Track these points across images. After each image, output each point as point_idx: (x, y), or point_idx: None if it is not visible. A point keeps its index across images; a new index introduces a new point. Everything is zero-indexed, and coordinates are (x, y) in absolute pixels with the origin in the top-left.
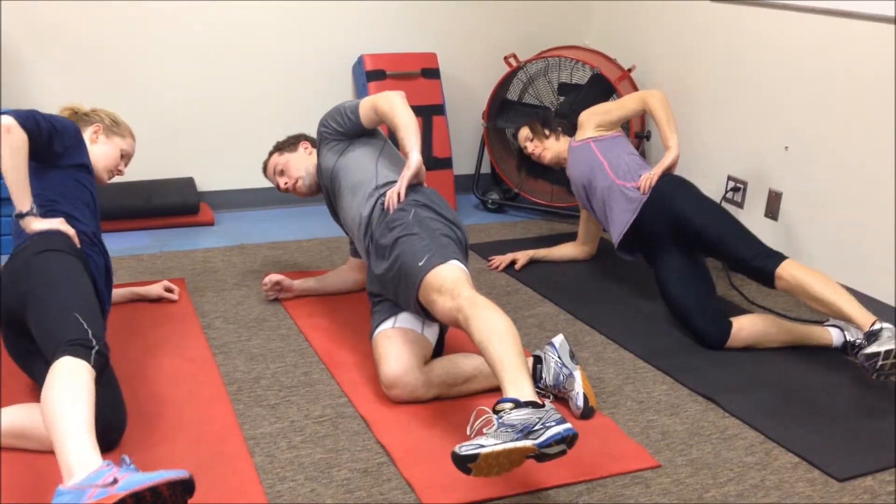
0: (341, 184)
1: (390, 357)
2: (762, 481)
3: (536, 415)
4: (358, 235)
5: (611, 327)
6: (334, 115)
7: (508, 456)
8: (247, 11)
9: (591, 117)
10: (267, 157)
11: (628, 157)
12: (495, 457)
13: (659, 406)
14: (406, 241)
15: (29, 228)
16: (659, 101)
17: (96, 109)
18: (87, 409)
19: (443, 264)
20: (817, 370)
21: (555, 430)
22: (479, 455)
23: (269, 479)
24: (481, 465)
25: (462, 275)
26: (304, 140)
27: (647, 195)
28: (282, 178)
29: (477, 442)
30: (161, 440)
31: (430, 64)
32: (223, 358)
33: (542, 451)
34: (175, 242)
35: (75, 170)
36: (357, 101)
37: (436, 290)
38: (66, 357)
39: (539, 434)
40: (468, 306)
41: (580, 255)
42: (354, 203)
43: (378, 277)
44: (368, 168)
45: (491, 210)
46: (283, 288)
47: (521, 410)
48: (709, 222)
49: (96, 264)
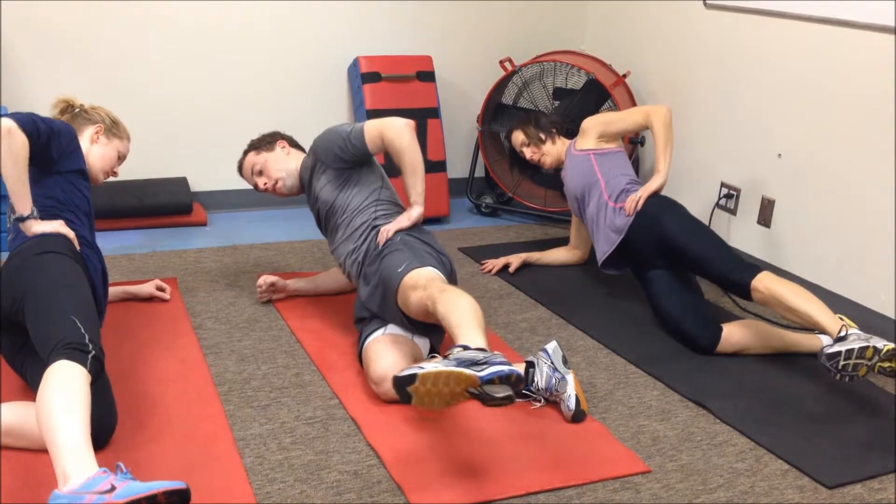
0: (338, 222)
1: (380, 356)
2: (752, 487)
3: (483, 354)
4: (352, 273)
5: (603, 332)
6: (336, 142)
7: (447, 382)
8: (242, 12)
9: (595, 126)
10: (242, 157)
11: (624, 178)
12: (433, 379)
13: (650, 411)
14: (388, 256)
15: (30, 231)
16: (662, 121)
17: (95, 107)
18: (83, 415)
19: (420, 268)
20: (807, 377)
21: (498, 367)
22: (418, 375)
23: (259, 481)
24: (420, 388)
25: (437, 275)
26: (281, 139)
27: (633, 217)
28: (261, 179)
29: (418, 365)
30: (151, 440)
31: (425, 67)
32: (214, 358)
33: (484, 386)
34: (168, 242)
35: (72, 175)
36: (359, 125)
37: (411, 287)
38: (63, 361)
39: (482, 368)
40: (437, 292)
41: (573, 260)
42: (351, 241)
43: (363, 303)
44: (368, 211)
45: (484, 214)
46: (276, 289)
47: (469, 351)
48: (692, 242)
49: (94, 268)
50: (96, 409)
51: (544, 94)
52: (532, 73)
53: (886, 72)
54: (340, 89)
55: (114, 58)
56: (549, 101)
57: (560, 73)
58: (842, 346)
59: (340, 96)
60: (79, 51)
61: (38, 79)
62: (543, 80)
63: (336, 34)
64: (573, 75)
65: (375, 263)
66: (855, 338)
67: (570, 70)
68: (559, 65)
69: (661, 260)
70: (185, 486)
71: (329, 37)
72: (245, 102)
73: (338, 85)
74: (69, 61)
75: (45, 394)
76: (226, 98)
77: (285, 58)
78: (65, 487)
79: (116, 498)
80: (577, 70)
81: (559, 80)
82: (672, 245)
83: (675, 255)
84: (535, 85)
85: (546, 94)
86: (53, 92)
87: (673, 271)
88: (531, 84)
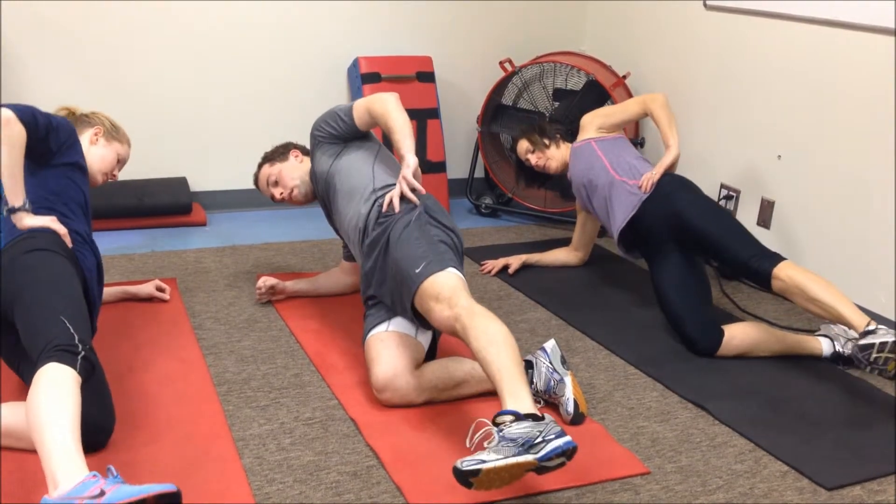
0: (336, 188)
1: (382, 360)
2: (751, 489)
3: (537, 428)
4: (354, 239)
5: (603, 333)
6: (327, 119)
7: (510, 471)
8: (243, 12)
9: (594, 119)
10: (257, 170)
11: (630, 157)
12: (497, 472)
13: (649, 413)
14: (403, 245)
15: (20, 224)
16: (660, 104)
17: (96, 112)
18: (73, 418)
19: (440, 272)
20: (807, 379)
21: (555, 444)
22: (482, 471)
23: (258, 481)
24: (483, 479)
25: (459, 282)
26: (294, 148)
27: (649, 193)
28: (276, 189)
29: (479, 457)
30: (149, 440)
31: (425, 67)
32: (213, 358)
33: (542, 464)
34: (167, 242)
35: (69, 169)
36: (350, 103)
37: (433, 297)
38: (52, 363)
39: (540, 448)
40: (466, 315)
41: (573, 261)
42: (351, 207)
43: (365, 274)
44: (364, 172)
45: (484, 214)
46: (275, 291)
47: (522, 423)
48: (709, 224)
49: (88, 264)
50: (94, 411)
51: (544, 94)
52: (532, 73)
53: (886, 73)
54: (340, 89)
55: (114, 58)
56: (548, 102)
57: (560, 73)
58: (874, 338)
59: (340, 96)
60: (79, 51)
61: (38, 79)
62: (543, 81)
63: (336, 34)
64: (573, 76)
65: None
66: (885, 332)
67: (570, 71)
68: (559, 66)
69: (674, 244)
70: (176, 489)
71: (329, 37)
72: (245, 102)
73: (338, 85)
74: (69, 61)
75: (34, 398)
76: (226, 98)
77: (285, 58)
78: (54, 492)
79: (106, 502)
80: (576, 71)
81: (559, 81)
82: (686, 226)
83: (689, 236)
84: (534, 86)
85: (546, 95)
86: (53, 92)
87: (684, 260)
88: (531, 85)
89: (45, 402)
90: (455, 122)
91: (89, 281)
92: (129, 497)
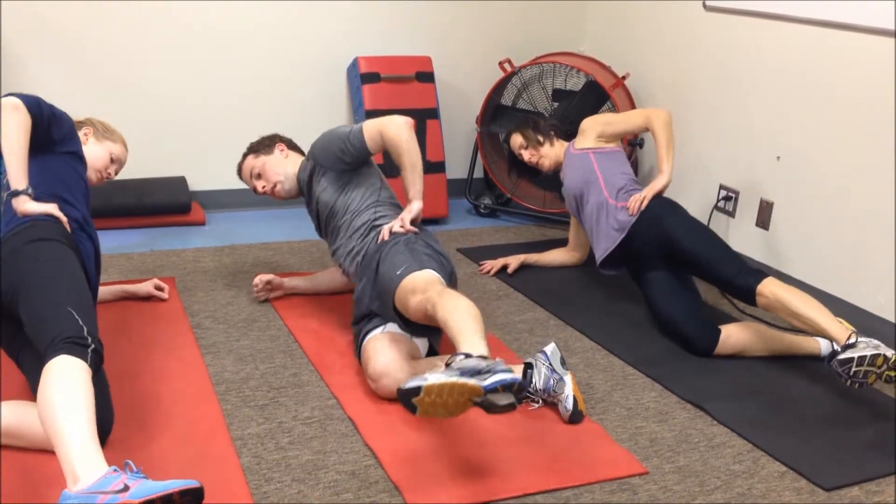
0: (338, 223)
1: (378, 353)
2: (749, 490)
3: (485, 362)
4: (350, 269)
5: (601, 334)
6: (336, 144)
7: (452, 392)
8: (242, 12)
9: (595, 126)
10: (241, 160)
11: (623, 176)
12: (438, 390)
13: (647, 413)
14: (387, 257)
15: (21, 209)
16: (662, 123)
17: (90, 118)
18: (88, 412)
19: (418, 271)
20: (805, 380)
21: (501, 377)
22: (423, 388)
23: (256, 480)
24: (425, 399)
25: (436, 278)
26: (280, 142)
27: (637, 216)
28: (259, 182)
29: (422, 376)
30: (148, 439)
31: (424, 67)
32: (212, 358)
33: (487, 395)
34: (166, 241)
35: (70, 157)
36: (357, 125)
37: (409, 291)
38: (62, 356)
39: (485, 377)
40: (436, 295)
41: (571, 261)
42: (352, 241)
43: (357, 299)
44: (368, 211)
45: (483, 214)
46: (273, 287)
47: (471, 359)
48: (698, 244)
49: (86, 250)
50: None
51: (543, 95)
52: (531, 74)
53: (886, 75)
54: (340, 89)
55: (114, 58)
56: (548, 103)
57: (559, 74)
58: (854, 352)
59: (340, 96)
60: (79, 51)
61: (38, 79)
62: (543, 82)
63: (336, 34)
64: (572, 77)
65: (375, 262)
66: (865, 345)
67: (570, 71)
68: (558, 66)
69: (662, 261)
70: (200, 485)
71: (329, 37)
72: (244, 102)
73: (337, 85)
74: (69, 61)
75: (47, 391)
76: (225, 98)
77: (285, 58)
78: (75, 487)
79: (131, 497)
80: (576, 72)
81: (558, 82)
82: (676, 248)
83: (678, 257)
84: (534, 86)
85: (545, 96)
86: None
87: (672, 273)
88: (530, 85)
89: (59, 396)
90: (454, 123)
91: (88, 269)
92: (154, 493)
